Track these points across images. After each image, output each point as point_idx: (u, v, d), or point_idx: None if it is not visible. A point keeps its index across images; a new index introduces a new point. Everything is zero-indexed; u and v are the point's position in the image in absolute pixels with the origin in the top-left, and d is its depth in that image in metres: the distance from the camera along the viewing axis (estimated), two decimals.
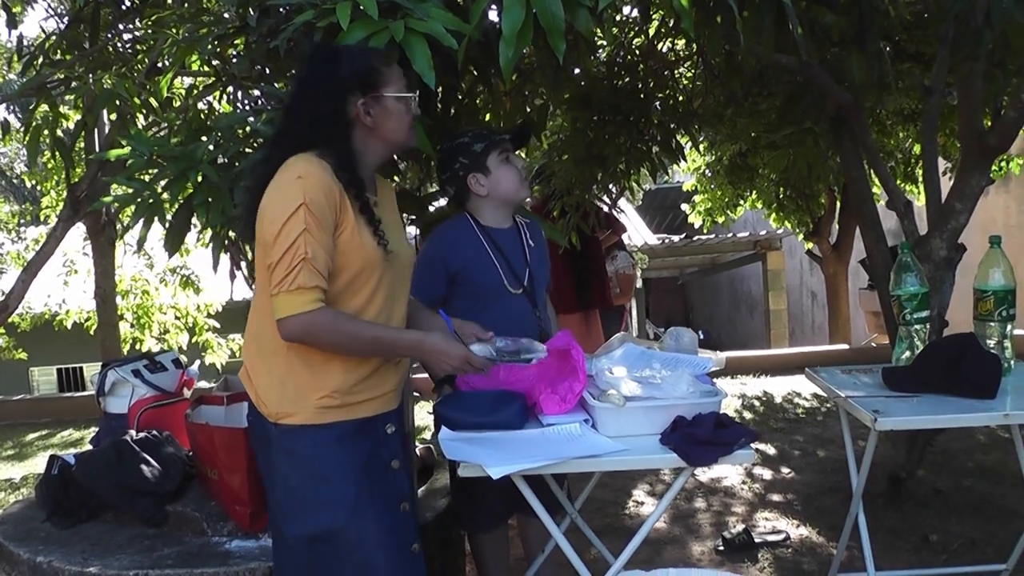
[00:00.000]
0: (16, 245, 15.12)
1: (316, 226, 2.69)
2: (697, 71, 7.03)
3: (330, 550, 2.84)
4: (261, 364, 2.91)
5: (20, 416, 11.96)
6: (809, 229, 13.30)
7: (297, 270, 2.66)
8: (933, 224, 5.28)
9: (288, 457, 2.87)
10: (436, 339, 2.93)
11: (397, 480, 2.99)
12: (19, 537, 3.89)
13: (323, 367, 2.83)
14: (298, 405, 2.83)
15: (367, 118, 2.88)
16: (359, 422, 2.90)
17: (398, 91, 2.94)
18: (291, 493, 2.87)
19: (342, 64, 2.88)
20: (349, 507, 2.82)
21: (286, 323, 2.71)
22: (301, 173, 2.72)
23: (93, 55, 6.66)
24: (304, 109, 2.89)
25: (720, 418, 2.98)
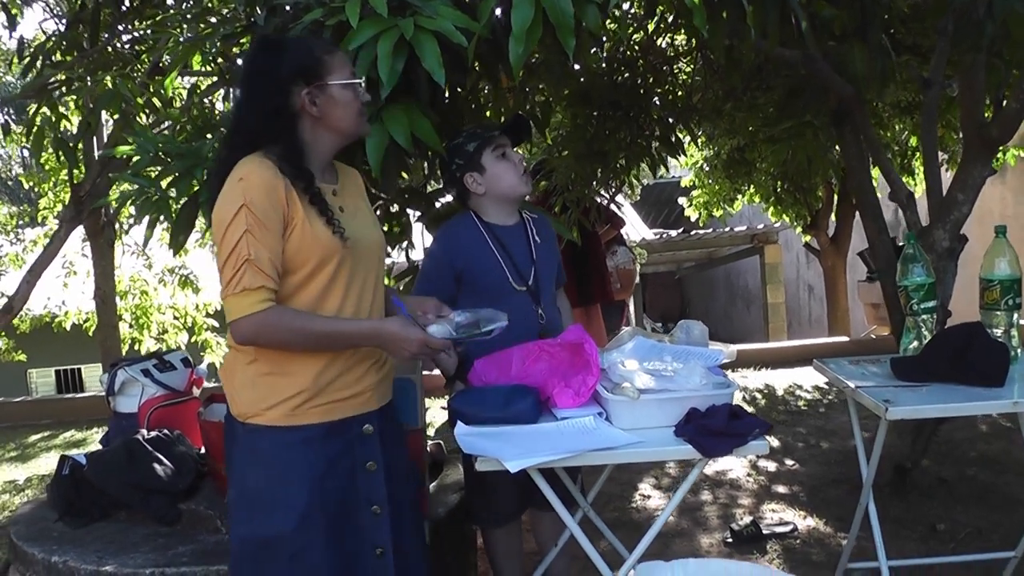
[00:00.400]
0: (15, 247, 15.12)
1: (258, 226, 2.67)
2: (696, 66, 7.04)
3: (273, 556, 2.80)
4: (236, 362, 2.89)
5: (21, 418, 11.94)
6: (807, 222, 13.32)
7: (241, 272, 2.65)
8: (935, 215, 5.30)
9: (250, 456, 2.86)
10: (392, 326, 2.87)
11: (371, 482, 2.94)
12: (32, 537, 3.90)
13: (292, 367, 2.80)
14: (267, 405, 2.80)
15: (313, 108, 2.84)
16: (331, 424, 2.87)
17: (343, 79, 2.90)
18: (245, 494, 2.85)
19: (283, 55, 2.85)
20: (300, 513, 2.78)
21: (236, 326, 2.70)
22: (242, 175, 2.71)
23: (93, 56, 6.66)
24: (250, 105, 2.87)
25: (734, 409, 2.99)
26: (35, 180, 13.73)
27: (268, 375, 2.81)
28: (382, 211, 4.79)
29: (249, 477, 2.84)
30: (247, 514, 2.84)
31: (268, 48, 2.92)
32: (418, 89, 3.53)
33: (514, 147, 3.93)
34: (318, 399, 2.83)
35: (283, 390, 2.80)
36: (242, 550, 2.86)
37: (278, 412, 2.80)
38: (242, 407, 2.85)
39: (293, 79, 2.82)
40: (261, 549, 2.81)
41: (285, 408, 2.79)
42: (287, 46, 2.90)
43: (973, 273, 3.89)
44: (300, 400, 2.80)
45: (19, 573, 3.88)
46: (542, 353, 3.42)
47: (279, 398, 2.80)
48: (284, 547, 2.78)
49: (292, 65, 2.82)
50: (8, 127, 9.37)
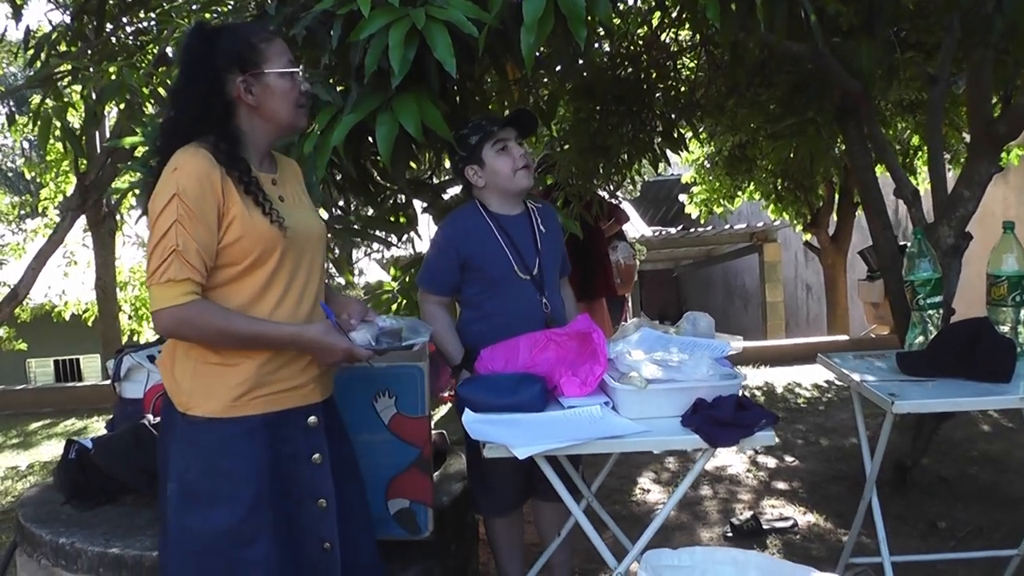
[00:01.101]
0: (16, 236, 15.14)
1: (188, 217, 2.62)
2: (700, 62, 7.06)
3: (219, 547, 2.74)
4: (179, 352, 2.82)
5: (22, 406, 11.97)
6: (807, 220, 13.34)
7: (168, 263, 2.61)
8: (940, 212, 5.30)
9: (190, 449, 2.78)
10: (315, 332, 2.82)
11: (317, 475, 2.89)
12: (40, 519, 3.91)
13: (233, 357, 2.75)
14: (208, 397, 2.75)
15: (248, 96, 2.80)
16: (274, 415, 2.81)
17: (280, 67, 2.84)
18: (187, 486, 2.77)
19: (219, 43, 2.80)
20: (247, 506, 2.73)
21: (157, 316, 2.66)
22: (177, 165, 2.66)
23: (98, 47, 6.67)
24: (185, 92, 2.83)
25: (741, 400, 3.00)
26: (37, 170, 13.74)
27: (209, 364, 2.76)
28: (389, 202, 4.80)
29: (191, 470, 2.77)
30: (189, 507, 2.77)
31: (203, 35, 2.85)
32: (429, 79, 3.54)
33: (523, 140, 3.95)
34: (260, 390, 2.78)
35: (224, 380, 2.75)
36: (182, 543, 2.79)
37: (220, 403, 2.75)
38: (182, 397, 2.79)
39: (228, 67, 2.78)
40: (204, 542, 2.75)
41: (227, 399, 2.75)
42: (223, 33, 2.86)
43: (974, 273, 3.90)
44: (242, 390, 2.76)
45: (26, 554, 3.90)
46: (549, 342, 3.43)
47: (220, 389, 2.75)
48: (228, 540, 2.73)
49: (227, 52, 2.79)
50: (12, 118, 9.40)
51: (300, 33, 3.59)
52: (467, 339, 3.86)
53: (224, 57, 2.77)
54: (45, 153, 11.40)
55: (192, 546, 2.76)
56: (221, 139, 2.75)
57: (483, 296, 3.90)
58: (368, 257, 5.67)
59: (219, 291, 2.74)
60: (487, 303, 3.89)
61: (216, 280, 2.73)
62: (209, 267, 2.69)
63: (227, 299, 2.75)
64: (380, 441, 3.59)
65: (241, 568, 2.73)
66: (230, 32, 2.86)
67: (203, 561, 2.75)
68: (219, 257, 2.72)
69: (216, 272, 2.73)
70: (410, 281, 5.22)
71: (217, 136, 2.75)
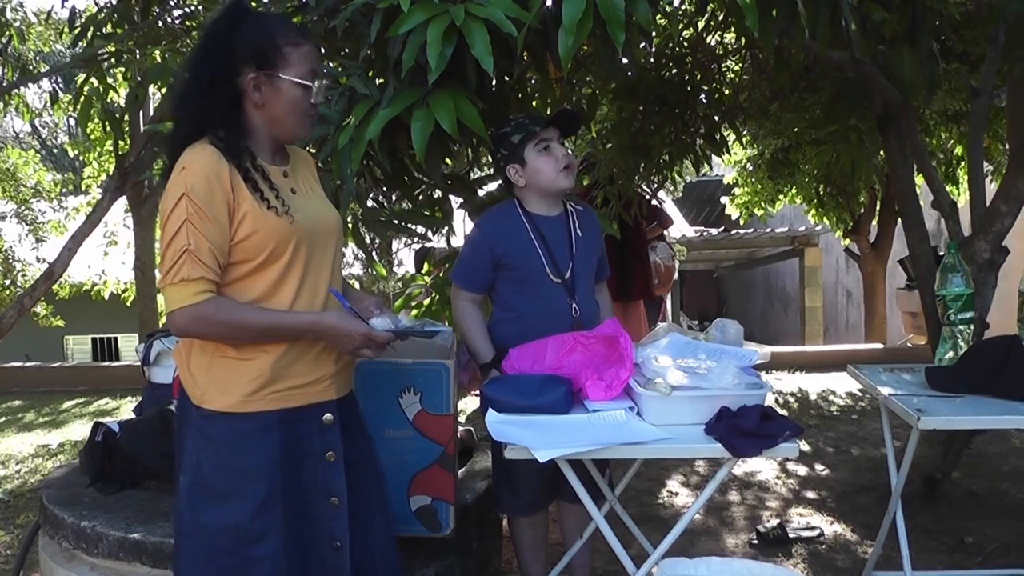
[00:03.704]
0: (57, 214, 15.24)
1: (199, 216, 2.60)
2: (744, 65, 7.02)
3: (229, 544, 2.72)
4: (195, 345, 2.81)
5: (57, 383, 12.07)
6: (848, 227, 13.28)
7: (180, 263, 2.59)
8: (977, 226, 5.26)
9: (204, 443, 2.77)
10: (332, 318, 2.80)
11: (330, 473, 2.87)
12: (63, 502, 3.93)
13: (249, 352, 2.74)
14: (222, 391, 2.74)
15: (255, 94, 2.75)
16: (287, 412, 2.79)
17: (297, 76, 2.76)
18: (200, 481, 2.76)
19: (244, 30, 2.72)
20: (258, 502, 2.72)
21: (172, 317, 2.65)
22: (185, 164, 2.64)
23: (143, 29, 6.70)
24: (195, 73, 2.77)
25: (765, 410, 2.99)
26: (80, 149, 13.81)
27: (224, 359, 2.75)
28: (424, 196, 4.80)
29: (205, 464, 2.76)
30: (201, 501, 2.76)
31: (233, 16, 2.77)
32: (466, 76, 3.53)
33: (565, 139, 3.93)
34: (275, 385, 2.77)
35: (239, 375, 2.75)
36: (194, 538, 2.79)
37: (234, 398, 2.74)
38: (196, 391, 2.79)
39: (245, 58, 2.72)
40: (215, 538, 2.74)
41: (241, 394, 2.74)
42: (251, 21, 2.77)
43: (1011, 287, 3.86)
44: (256, 386, 2.74)
45: (48, 536, 3.93)
46: (576, 345, 3.43)
47: (235, 383, 2.74)
48: (238, 536, 2.72)
49: (249, 43, 2.72)
50: (56, 95, 9.46)
51: (341, 25, 3.59)
52: (497, 337, 3.85)
53: (244, 47, 2.72)
54: (85, 133, 11.48)
55: (203, 541, 2.76)
56: (227, 128, 2.73)
57: (514, 295, 3.89)
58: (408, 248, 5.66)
59: (234, 287, 2.73)
60: (517, 303, 3.89)
61: (231, 276, 2.73)
62: (223, 264, 2.68)
63: (243, 294, 2.74)
64: (404, 437, 3.59)
65: (250, 564, 2.73)
66: (259, 23, 2.78)
67: (213, 556, 2.75)
68: (233, 253, 2.71)
69: (231, 268, 2.72)
70: (443, 276, 5.21)
71: (224, 125, 2.73)
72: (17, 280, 14.38)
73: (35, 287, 8.65)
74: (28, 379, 12.31)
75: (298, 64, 2.76)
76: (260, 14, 2.86)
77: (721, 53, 6.95)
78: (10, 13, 10.32)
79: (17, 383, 12.19)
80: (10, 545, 5.70)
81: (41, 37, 12.21)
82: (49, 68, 10.37)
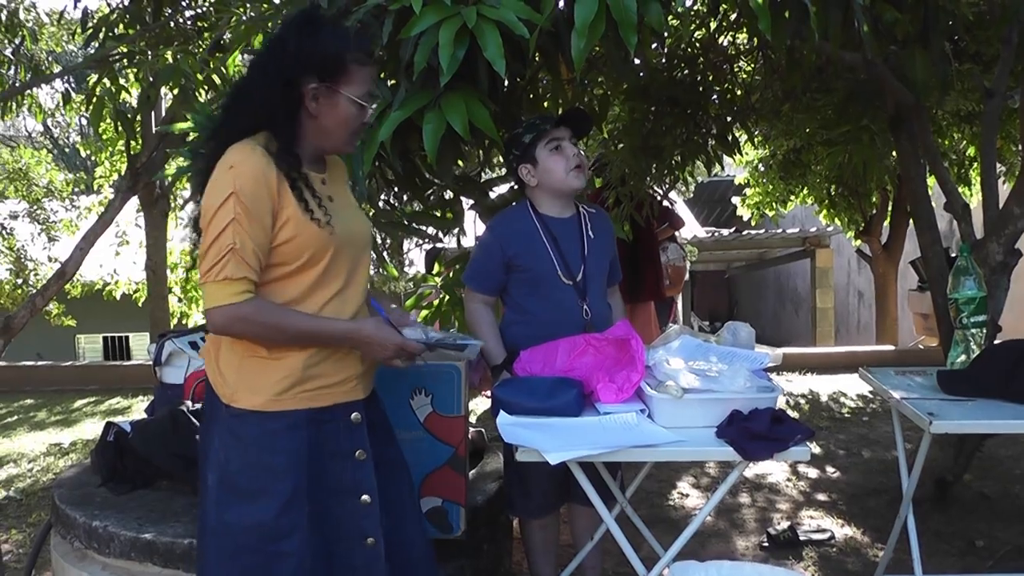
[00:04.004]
0: (69, 213, 15.26)
1: (246, 216, 2.62)
2: (756, 65, 7.01)
3: (253, 542, 2.75)
4: (224, 343, 2.83)
5: (68, 382, 12.10)
6: (860, 227, 13.26)
7: (224, 261, 2.61)
8: (990, 228, 5.24)
9: (233, 441, 2.79)
10: (369, 328, 2.84)
11: (360, 472, 2.89)
12: (75, 501, 3.94)
13: (279, 352, 2.76)
14: (252, 390, 2.76)
15: (312, 104, 2.76)
16: (315, 411, 2.82)
17: (356, 94, 2.80)
18: (228, 478, 2.79)
19: (312, 40, 2.73)
20: (285, 500, 2.74)
21: (212, 314, 2.67)
22: (233, 162, 2.66)
23: (155, 30, 6.72)
24: (258, 75, 2.80)
25: (776, 414, 2.98)
26: (92, 149, 13.83)
27: (254, 358, 2.77)
28: (435, 197, 4.80)
29: (232, 462, 2.78)
30: (228, 500, 2.78)
31: (305, 24, 2.78)
32: (478, 78, 3.53)
33: (577, 139, 3.93)
34: (304, 385, 2.79)
35: (269, 374, 2.76)
36: (219, 536, 2.80)
37: (263, 397, 2.76)
38: (226, 389, 2.81)
39: (309, 66, 2.73)
40: (241, 537, 2.76)
41: (270, 393, 2.76)
42: (323, 31, 2.77)
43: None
44: (286, 385, 2.77)
45: (60, 535, 3.94)
46: (588, 347, 3.42)
47: (264, 382, 2.76)
48: (264, 534, 2.74)
49: (315, 53, 2.73)
50: (68, 96, 9.48)
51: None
52: (508, 339, 3.85)
53: (313, 55, 2.73)
54: (98, 132, 11.50)
55: (228, 539, 2.77)
56: (277, 132, 2.75)
57: (525, 297, 3.90)
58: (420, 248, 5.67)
59: (267, 289, 2.75)
60: (528, 304, 3.89)
61: (265, 278, 2.74)
62: (263, 266, 2.70)
63: (274, 297, 2.75)
64: (414, 439, 3.60)
65: (275, 560, 2.74)
66: (332, 35, 2.78)
67: (238, 555, 2.77)
68: (271, 256, 2.72)
69: (266, 270, 2.73)
70: (454, 277, 5.21)
71: (274, 129, 2.75)
72: (29, 279, 14.41)
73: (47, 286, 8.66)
74: (40, 378, 12.34)
75: (359, 83, 2.80)
76: (334, 25, 2.87)
77: (733, 54, 6.94)
78: (23, 14, 10.34)
79: (29, 382, 12.22)
80: (22, 544, 5.71)
81: (54, 38, 12.22)
82: (62, 68, 10.40)
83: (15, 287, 14.42)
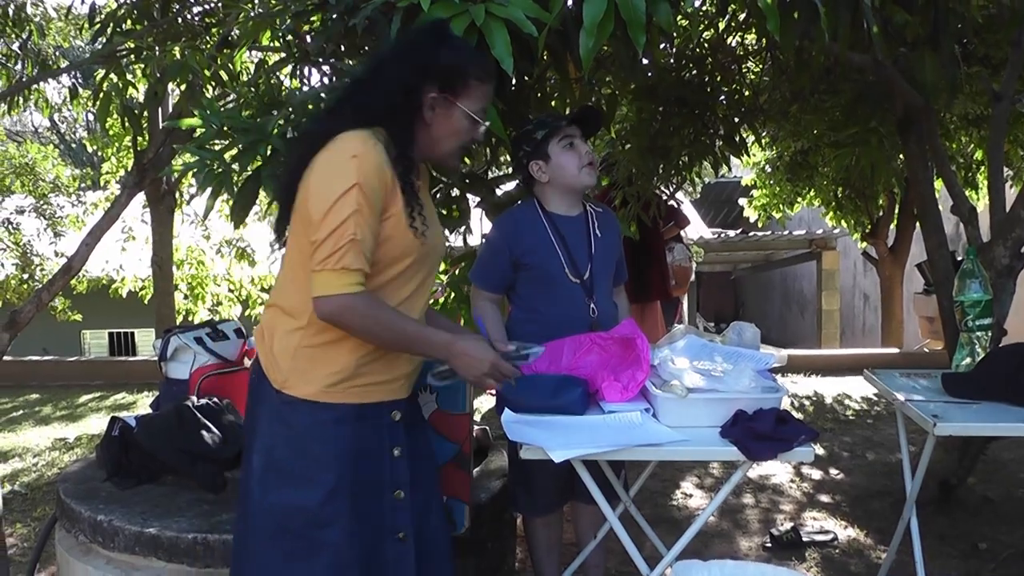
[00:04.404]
0: (76, 209, 15.28)
1: (367, 208, 2.65)
2: (765, 66, 7.00)
3: (296, 525, 2.79)
4: (280, 330, 2.85)
5: (74, 377, 12.11)
6: (866, 230, 13.25)
7: (344, 250, 2.63)
8: (997, 232, 5.24)
9: (281, 427, 2.83)
10: (467, 343, 2.85)
11: (396, 468, 2.92)
12: (80, 496, 3.94)
13: (334, 346, 2.78)
14: (305, 379, 2.79)
15: (428, 112, 2.82)
16: (362, 407, 2.85)
17: (472, 110, 2.87)
18: (274, 464, 2.82)
19: (441, 50, 2.82)
20: (328, 490, 2.78)
21: (325, 301, 2.67)
22: (356, 152, 2.66)
23: (163, 26, 6.71)
24: (383, 74, 2.83)
25: (781, 414, 2.98)
26: (99, 144, 13.85)
27: (310, 348, 2.79)
28: (443, 195, 4.80)
29: (278, 448, 2.82)
30: (272, 483, 2.82)
31: (436, 34, 2.90)
32: None
33: (586, 138, 3.94)
34: (354, 381, 2.81)
35: (322, 366, 2.79)
36: (261, 517, 2.84)
37: (315, 388, 2.79)
38: (278, 375, 2.83)
39: (433, 75, 2.80)
40: (283, 520, 2.80)
41: (322, 384, 2.79)
42: (451, 45, 2.88)
43: None
44: (337, 379, 2.79)
45: (65, 529, 3.94)
46: (593, 346, 3.43)
47: (317, 374, 2.79)
48: (306, 520, 2.78)
49: (442, 64, 2.81)
50: (75, 91, 9.49)
51: (361, 23, 3.58)
52: (515, 337, 3.84)
53: (438, 65, 2.81)
54: (105, 128, 11.50)
55: (271, 520, 2.82)
56: (397, 135, 2.79)
57: (532, 295, 3.90)
58: None
59: None
60: (535, 302, 3.90)
61: None
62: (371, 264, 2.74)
63: None
64: None
65: (315, 548, 2.78)
66: (457, 48, 2.89)
67: (279, 536, 2.80)
68: None
69: None
70: (460, 274, 5.22)
71: (394, 130, 2.78)
72: (35, 274, 14.43)
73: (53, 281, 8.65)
74: (45, 373, 12.35)
75: (477, 99, 2.88)
76: (461, 40, 3.00)
77: (741, 54, 6.93)
78: (30, 8, 10.33)
79: (34, 377, 12.24)
80: (27, 538, 5.72)
81: (61, 33, 12.23)
82: (68, 64, 10.40)
83: (21, 282, 14.45)
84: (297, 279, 2.80)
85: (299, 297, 2.77)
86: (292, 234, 2.84)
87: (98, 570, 3.66)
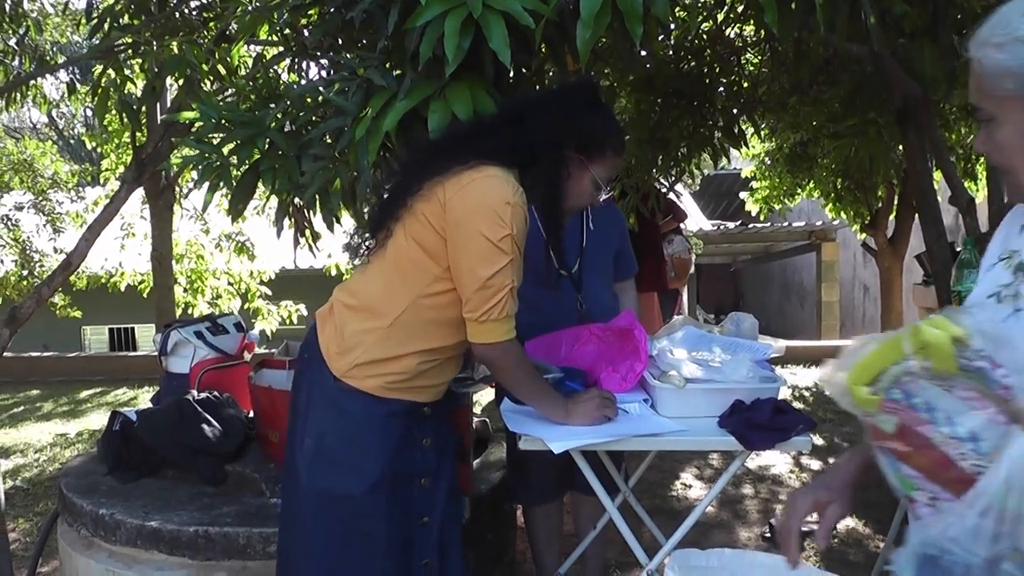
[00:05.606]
0: (75, 205, 15.25)
1: (518, 257, 2.78)
2: (763, 58, 7.00)
3: (340, 512, 2.87)
4: (355, 325, 2.91)
5: (75, 373, 12.14)
6: (866, 221, 13.22)
7: (505, 300, 2.77)
8: (996, 222, 5.23)
9: (335, 414, 2.90)
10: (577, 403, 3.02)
11: (425, 457, 3.00)
12: (82, 490, 3.96)
13: (402, 353, 2.85)
14: (370, 374, 2.85)
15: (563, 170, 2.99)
16: (410, 404, 2.92)
17: (600, 175, 3.06)
18: (324, 451, 2.89)
19: (595, 118, 3.06)
20: (373, 480, 2.85)
21: (491, 348, 2.84)
22: (510, 200, 2.75)
23: (160, 20, 6.71)
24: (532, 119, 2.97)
25: (779, 404, 2.99)
26: (98, 140, 13.82)
27: (385, 348, 2.86)
28: None
29: (330, 435, 2.89)
30: (321, 468, 2.90)
31: (592, 98, 3.13)
32: (483, 68, 3.53)
33: None
34: (412, 382, 2.89)
35: (390, 366, 2.86)
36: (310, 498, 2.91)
37: (376, 382, 2.86)
38: (340, 363, 2.89)
39: (580, 138, 3.02)
40: (328, 502, 2.88)
41: (383, 380, 2.86)
42: (600, 112, 3.13)
43: None
44: (400, 379, 2.87)
45: (67, 523, 3.95)
46: (591, 337, 3.44)
47: (383, 371, 2.86)
48: (350, 508, 2.85)
49: (587, 128, 3.03)
50: (73, 86, 9.48)
51: (358, 16, 3.58)
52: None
53: (584, 129, 3.03)
54: (103, 123, 11.48)
55: (315, 502, 2.90)
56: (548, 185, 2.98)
57: (524, 285, 3.90)
58: None
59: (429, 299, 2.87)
60: (527, 292, 3.89)
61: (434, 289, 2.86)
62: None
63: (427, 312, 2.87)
64: None
65: (356, 535, 2.87)
66: (605, 117, 3.14)
67: (326, 518, 2.89)
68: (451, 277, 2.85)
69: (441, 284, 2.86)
70: None
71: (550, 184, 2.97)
72: (35, 270, 14.41)
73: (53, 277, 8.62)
74: (46, 369, 12.38)
75: (607, 168, 3.13)
76: (609, 110, 3.24)
77: (740, 46, 6.92)
78: (27, 3, 10.32)
79: (35, 373, 12.26)
80: (29, 532, 5.74)
81: (58, 28, 12.19)
82: (66, 59, 10.40)
83: (21, 278, 14.42)
84: (391, 284, 2.88)
85: (388, 301, 2.87)
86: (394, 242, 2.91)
87: (100, 563, 3.68)
